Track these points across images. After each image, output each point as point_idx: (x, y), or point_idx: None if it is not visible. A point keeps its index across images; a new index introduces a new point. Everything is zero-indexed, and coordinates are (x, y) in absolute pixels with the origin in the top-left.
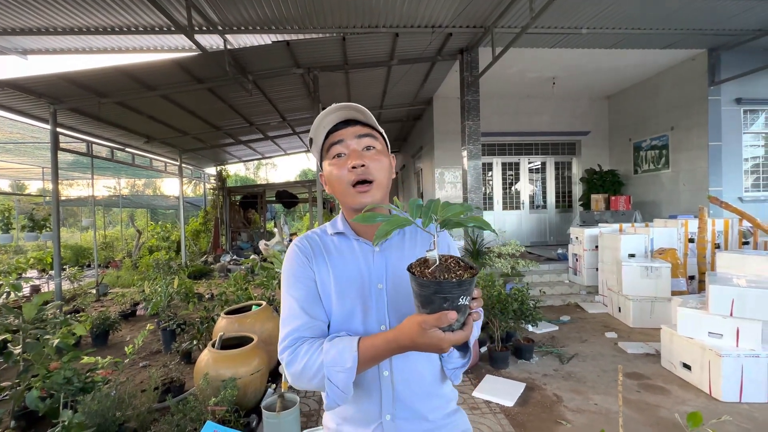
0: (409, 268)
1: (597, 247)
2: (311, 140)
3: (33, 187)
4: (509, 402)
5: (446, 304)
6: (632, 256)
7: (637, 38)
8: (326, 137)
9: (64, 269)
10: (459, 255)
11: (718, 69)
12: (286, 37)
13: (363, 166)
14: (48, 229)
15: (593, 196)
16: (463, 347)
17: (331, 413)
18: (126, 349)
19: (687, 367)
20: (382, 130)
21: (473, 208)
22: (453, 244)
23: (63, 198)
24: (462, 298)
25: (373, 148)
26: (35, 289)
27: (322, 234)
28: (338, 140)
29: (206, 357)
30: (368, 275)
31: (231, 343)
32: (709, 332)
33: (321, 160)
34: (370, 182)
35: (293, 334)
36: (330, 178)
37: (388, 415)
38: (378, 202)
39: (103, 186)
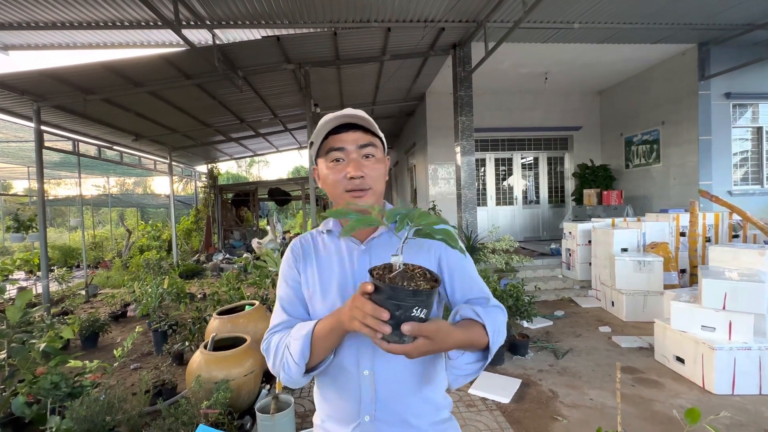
0: (371, 270)
1: (590, 241)
2: (311, 143)
3: (19, 186)
4: (505, 399)
5: (398, 312)
6: (625, 250)
7: (628, 33)
8: (326, 137)
9: (52, 270)
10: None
11: (708, 63)
12: (276, 32)
13: (362, 177)
14: (34, 229)
15: (585, 191)
16: (482, 354)
17: (318, 409)
18: (115, 352)
19: (680, 360)
20: (381, 136)
21: (448, 223)
22: (442, 250)
23: (50, 197)
24: (416, 310)
25: (373, 156)
26: (22, 291)
27: (315, 233)
28: (339, 147)
29: (198, 359)
30: (350, 273)
31: (224, 344)
32: (702, 326)
33: (316, 156)
34: (366, 190)
35: (274, 328)
36: (326, 179)
37: (367, 416)
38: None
39: (92, 185)
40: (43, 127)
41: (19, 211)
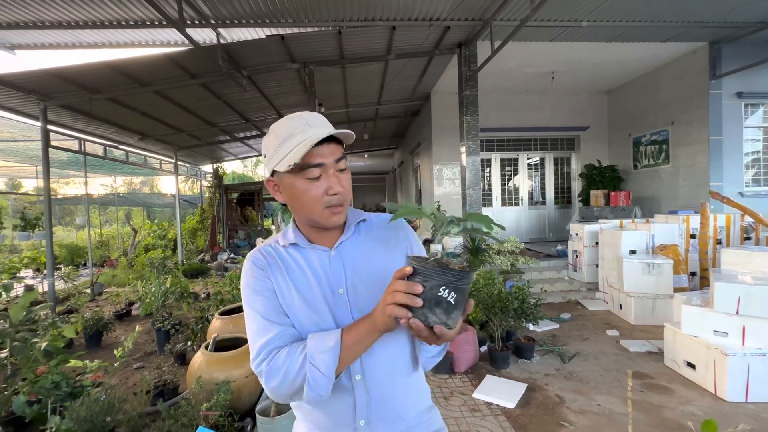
0: (408, 256)
1: (597, 243)
2: (271, 144)
3: (29, 185)
4: (510, 403)
5: (426, 286)
6: (633, 252)
7: (637, 31)
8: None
9: (59, 269)
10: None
11: (719, 62)
12: (281, 30)
13: (342, 191)
14: (40, 228)
15: (593, 192)
16: None
17: (302, 420)
18: (115, 352)
19: (691, 366)
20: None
21: (493, 221)
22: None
23: (59, 196)
24: (443, 289)
25: (345, 169)
26: (29, 289)
27: (276, 245)
28: (319, 163)
29: (199, 359)
30: (327, 282)
31: (225, 345)
32: (714, 330)
33: (284, 170)
34: (343, 204)
35: (268, 346)
36: (302, 197)
37: (362, 420)
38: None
39: (101, 184)
40: (49, 127)
41: (26, 210)
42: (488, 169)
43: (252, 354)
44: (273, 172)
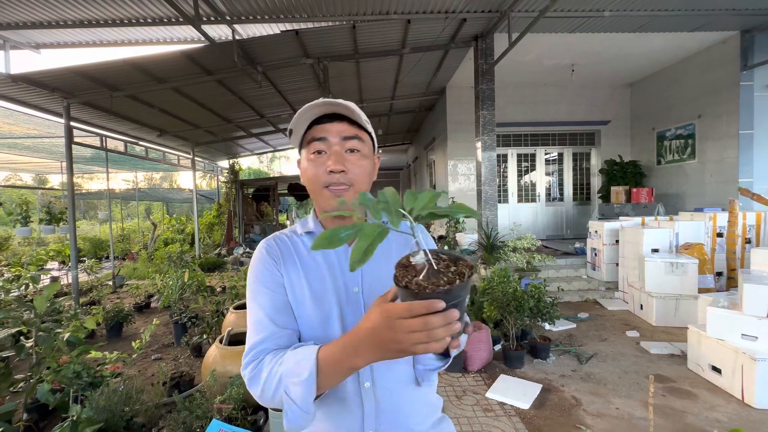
0: (396, 281)
1: (617, 241)
2: (290, 131)
3: (55, 180)
4: (525, 404)
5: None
6: (655, 251)
7: (664, 21)
8: (308, 128)
9: (83, 261)
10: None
11: (751, 52)
12: (295, 26)
13: (342, 171)
14: (65, 221)
15: (613, 188)
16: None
17: (306, 430)
18: (133, 344)
19: (716, 370)
20: (371, 130)
21: (443, 193)
22: (428, 237)
23: (83, 191)
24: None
25: (358, 151)
26: (54, 281)
27: (291, 234)
28: (321, 137)
29: (214, 353)
30: (342, 278)
31: (240, 339)
32: (743, 334)
33: (300, 148)
34: (348, 186)
35: (258, 346)
36: (306, 173)
37: (371, 431)
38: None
39: (122, 179)
40: (72, 123)
41: (51, 204)
42: (504, 165)
43: (245, 350)
44: (299, 151)
